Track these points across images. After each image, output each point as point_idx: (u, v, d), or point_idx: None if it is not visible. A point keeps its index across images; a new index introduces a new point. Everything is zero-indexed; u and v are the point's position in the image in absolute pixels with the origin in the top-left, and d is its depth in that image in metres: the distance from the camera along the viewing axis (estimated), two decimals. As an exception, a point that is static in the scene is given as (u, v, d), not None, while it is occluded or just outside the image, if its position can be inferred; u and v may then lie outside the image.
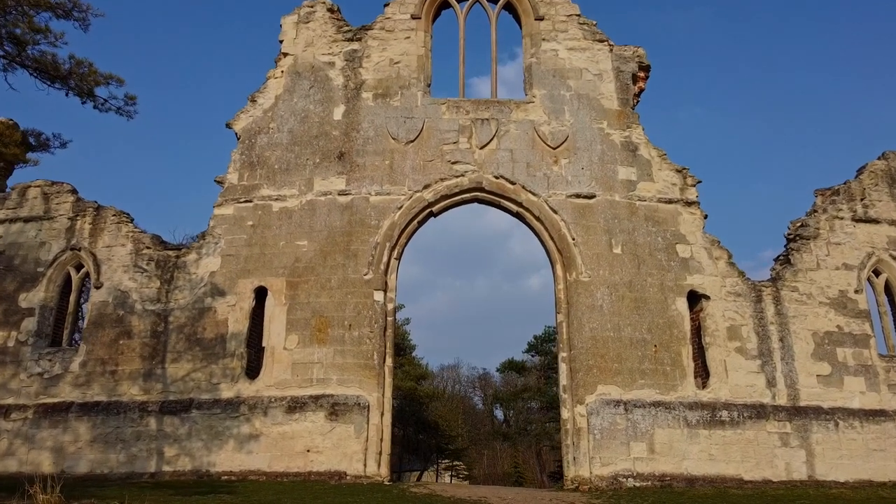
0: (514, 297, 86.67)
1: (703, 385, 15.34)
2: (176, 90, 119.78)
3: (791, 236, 17.18)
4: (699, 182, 16.88)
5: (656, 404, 14.78)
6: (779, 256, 17.17)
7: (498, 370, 48.33)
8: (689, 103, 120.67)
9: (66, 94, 13.37)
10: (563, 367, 15.35)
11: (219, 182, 17.16)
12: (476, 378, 57.39)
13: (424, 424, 35.97)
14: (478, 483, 41.34)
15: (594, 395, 14.81)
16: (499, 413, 51.48)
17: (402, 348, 36.59)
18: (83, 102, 13.53)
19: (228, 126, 17.67)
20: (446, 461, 40.83)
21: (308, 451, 14.47)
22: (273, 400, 14.96)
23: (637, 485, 13.96)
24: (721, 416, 14.79)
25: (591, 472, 14.20)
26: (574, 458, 14.49)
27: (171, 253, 16.85)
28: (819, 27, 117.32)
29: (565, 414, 15.01)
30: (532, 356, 47.08)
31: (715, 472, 14.38)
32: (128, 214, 17.43)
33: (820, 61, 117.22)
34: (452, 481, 41.26)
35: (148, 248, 16.89)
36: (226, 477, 14.33)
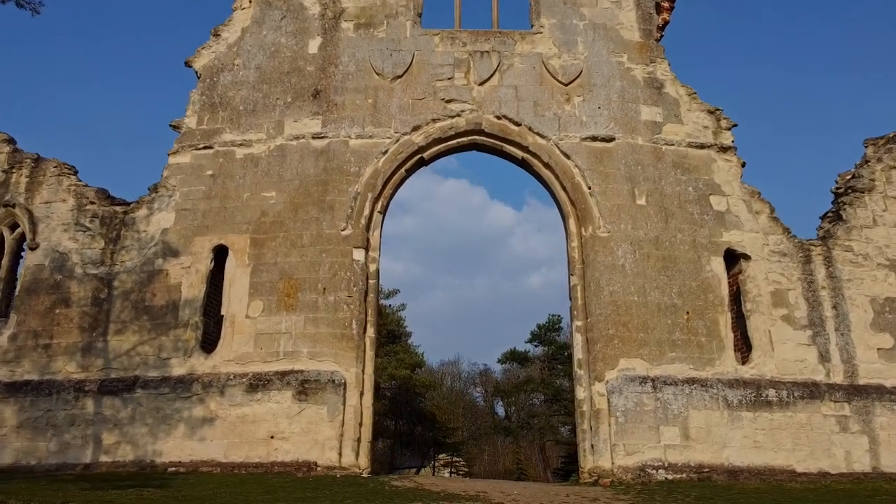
0: (515, 295, 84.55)
1: (745, 359, 12.90)
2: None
3: (840, 190, 14.71)
4: (735, 125, 14.42)
5: (690, 381, 12.33)
6: (826, 213, 14.71)
7: (499, 361, 45.96)
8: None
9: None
10: (577, 339, 12.91)
11: (174, 127, 14.73)
12: (476, 374, 54.96)
13: (420, 416, 33.53)
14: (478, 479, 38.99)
15: (616, 370, 12.37)
16: (500, 410, 49.09)
17: (396, 335, 34.25)
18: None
19: (188, 64, 15.23)
20: (445, 456, 38.37)
21: (272, 437, 12.03)
22: (232, 377, 12.53)
23: (669, 477, 11.51)
24: (767, 396, 12.34)
25: (613, 463, 11.76)
26: (592, 446, 12.05)
27: (118, 209, 14.41)
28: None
29: (581, 393, 12.56)
30: (535, 346, 44.82)
31: (761, 463, 11.93)
32: (71, 167, 14.98)
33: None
34: (452, 478, 38.90)
35: (92, 203, 14.46)
36: (173, 468, 11.90)
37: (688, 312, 12.87)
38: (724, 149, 14.11)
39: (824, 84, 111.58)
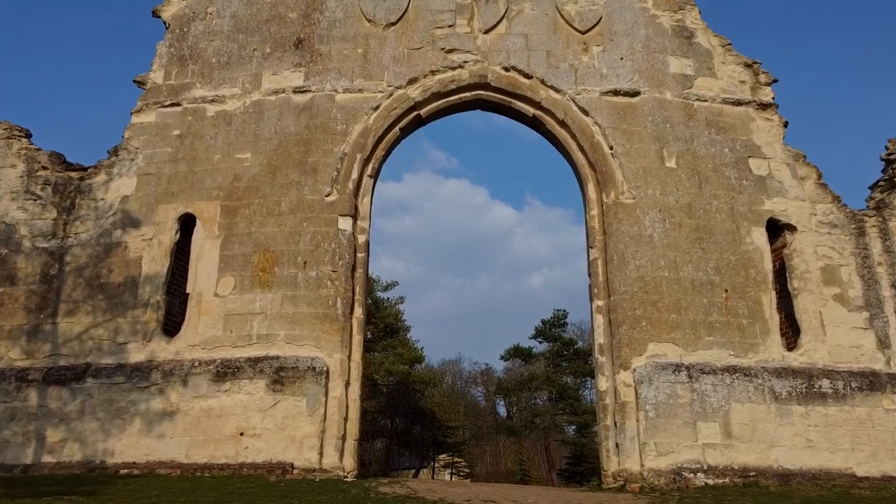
0: (516, 296, 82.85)
1: (791, 345, 11.14)
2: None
3: (893, 156, 12.93)
4: (774, 81, 12.65)
5: (731, 370, 10.56)
6: (878, 182, 12.93)
7: (502, 358, 44.13)
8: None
9: None
10: (598, 321, 11.13)
11: (139, 83, 12.98)
12: (478, 373, 53.11)
13: (419, 414, 31.71)
14: (480, 482, 37.18)
15: (644, 356, 10.60)
16: (501, 409, 47.32)
17: (395, 329, 32.45)
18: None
19: (155, 14, 13.49)
20: (445, 456, 36.62)
21: (241, 434, 10.27)
22: (197, 364, 10.77)
23: (710, 482, 9.74)
24: (821, 388, 10.57)
25: (642, 465, 9.98)
26: (617, 446, 10.26)
27: (73, 175, 12.66)
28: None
29: (603, 384, 10.79)
30: (540, 342, 43.06)
31: (815, 465, 10.16)
32: (23, 129, 13.24)
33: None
34: (452, 479, 37.08)
35: (45, 168, 12.71)
36: (126, 470, 10.13)
37: (726, 290, 11.10)
38: (763, 106, 12.34)
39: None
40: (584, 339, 46.33)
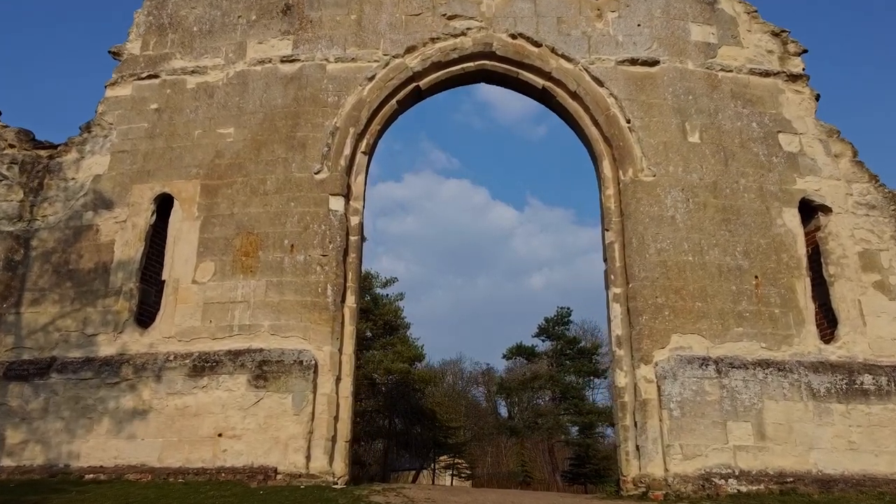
0: (517, 296, 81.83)
1: (828, 337, 10.11)
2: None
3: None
4: (805, 51, 11.62)
5: (763, 364, 9.52)
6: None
7: (505, 356, 43.11)
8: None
9: None
10: (615, 310, 10.09)
11: (114, 54, 11.97)
12: (479, 373, 52.06)
13: (419, 415, 30.63)
14: (481, 484, 36.10)
15: (667, 349, 9.56)
16: (503, 409, 46.30)
17: (394, 326, 31.37)
18: None
19: (133, -19, 12.46)
20: (446, 458, 35.56)
21: (220, 435, 9.23)
22: (172, 358, 9.74)
23: (742, 489, 8.69)
24: (862, 384, 9.53)
25: (666, 470, 8.94)
26: (638, 448, 9.22)
27: (42, 153, 11.65)
28: None
29: (621, 379, 9.75)
30: (543, 340, 42.05)
31: (859, 470, 9.12)
32: (-10, 104, 12.22)
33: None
34: (454, 481, 36.00)
35: (11, 146, 11.70)
36: (91, 475, 9.10)
37: (756, 277, 10.07)
38: (793, 77, 11.31)
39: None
40: (588, 337, 45.47)
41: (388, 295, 31.65)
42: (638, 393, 9.42)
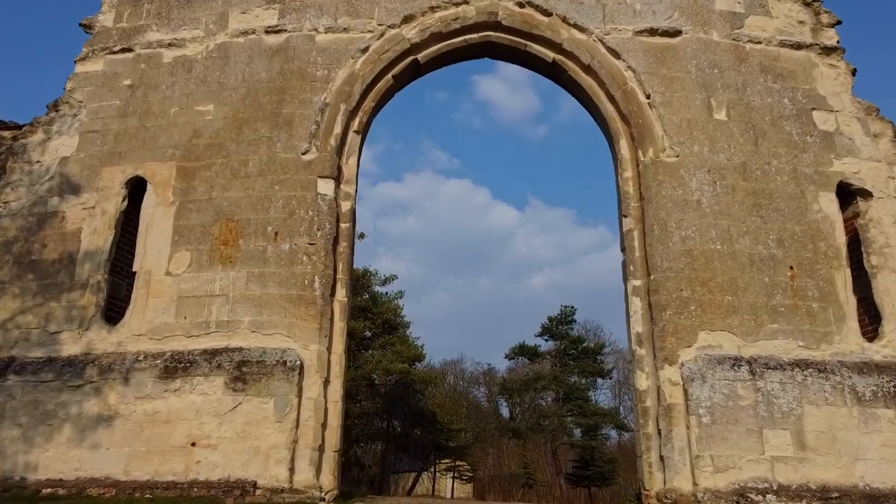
0: (517, 297, 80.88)
1: (871, 334, 9.11)
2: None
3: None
4: (838, 22, 10.63)
5: (801, 364, 8.52)
6: (958, 143, 10.89)
7: (507, 356, 42.19)
8: None
9: None
10: (635, 304, 9.09)
11: (85, 27, 10.98)
12: (480, 373, 51.04)
13: (420, 417, 29.62)
14: (482, 486, 35.09)
15: (694, 347, 8.56)
16: (504, 410, 45.32)
17: (393, 325, 30.34)
18: None
19: (107, -51, 11.47)
20: (447, 461, 34.53)
21: (193, 444, 8.23)
22: (142, 357, 8.75)
23: (782, 506, 7.70)
24: (912, 386, 8.53)
25: (695, 483, 7.94)
26: (662, 459, 8.22)
27: (5, 134, 10.67)
28: None
29: (643, 382, 8.74)
30: (546, 340, 41.13)
31: (910, 483, 8.12)
32: (-48, 83, 11.23)
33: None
34: (455, 484, 35.01)
35: (-28, 127, 10.71)
36: (49, 489, 8.11)
37: (791, 267, 9.07)
38: (827, 50, 10.30)
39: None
40: (592, 337, 44.52)
41: (387, 293, 30.65)
42: (662, 397, 8.41)
